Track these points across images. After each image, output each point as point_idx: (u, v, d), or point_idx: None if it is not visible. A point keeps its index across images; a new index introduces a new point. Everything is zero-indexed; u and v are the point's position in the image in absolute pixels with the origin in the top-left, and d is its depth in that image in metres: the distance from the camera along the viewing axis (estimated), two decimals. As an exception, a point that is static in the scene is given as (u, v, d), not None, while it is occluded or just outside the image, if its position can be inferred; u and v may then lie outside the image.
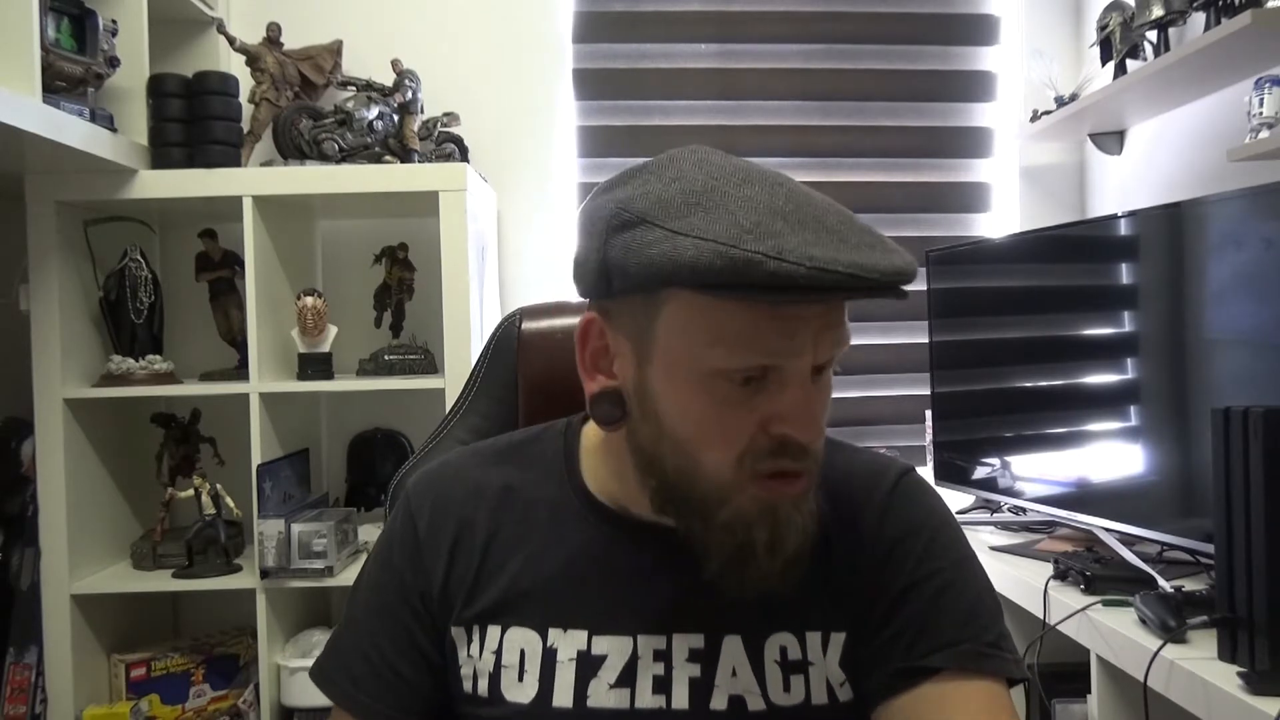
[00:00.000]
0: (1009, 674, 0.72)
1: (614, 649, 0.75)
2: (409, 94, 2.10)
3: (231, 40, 2.05)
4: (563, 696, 0.74)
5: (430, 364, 2.08)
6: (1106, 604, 1.39)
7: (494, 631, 0.77)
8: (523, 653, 0.76)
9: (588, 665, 0.74)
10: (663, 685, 0.74)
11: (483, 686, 0.76)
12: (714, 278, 0.61)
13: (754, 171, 0.67)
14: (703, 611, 0.75)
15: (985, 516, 1.98)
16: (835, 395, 0.72)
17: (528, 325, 1.05)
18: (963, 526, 0.79)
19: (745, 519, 0.68)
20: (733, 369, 0.65)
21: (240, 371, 2.03)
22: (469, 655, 0.78)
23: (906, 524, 0.77)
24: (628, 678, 0.74)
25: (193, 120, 1.96)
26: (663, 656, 0.74)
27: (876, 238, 0.64)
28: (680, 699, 0.73)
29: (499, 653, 0.76)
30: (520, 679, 0.75)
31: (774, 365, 0.65)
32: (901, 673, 0.71)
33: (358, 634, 0.81)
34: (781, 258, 0.59)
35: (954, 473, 2.08)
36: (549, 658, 0.75)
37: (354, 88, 2.15)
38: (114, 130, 1.85)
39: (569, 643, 0.75)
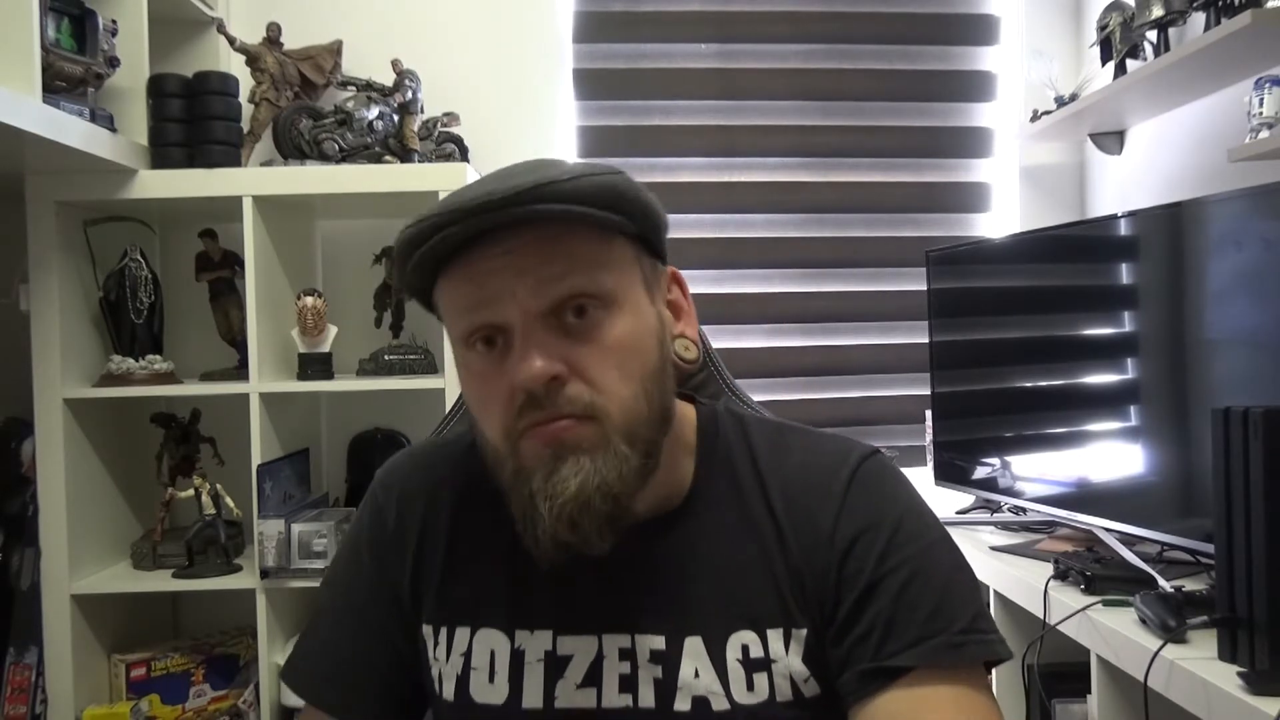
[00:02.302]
0: (985, 657, 0.70)
1: (579, 649, 0.75)
2: (409, 94, 2.10)
3: (231, 40, 2.05)
4: (532, 697, 0.74)
5: (430, 364, 2.08)
6: (1107, 604, 1.39)
7: (462, 633, 0.77)
8: (493, 654, 0.76)
9: (555, 666, 0.74)
10: (629, 684, 0.73)
11: (449, 690, 0.76)
12: (395, 261, 0.72)
13: (533, 161, 0.73)
14: (663, 612, 0.74)
15: (985, 516, 1.98)
16: (835, 395, 0.72)
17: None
18: (963, 526, 0.78)
19: (525, 471, 0.69)
20: (461, 334, 0.71)
21: (240, 371, 2.03)
22: (435, 658, 0.78)
23: (866, 516, 0.74)
24: (594, 677, 0.74)
25: (193, 120, 1.96)
26: (628, 655, 0.74)
27: (526, 169, 0.68)
28: (646, 698, 0.73)
29: (468, 655, 0.76)
30: (491, 680, 0.75)
31: (500, 323, 0.68)
32: (872, 674, 0.69)
33: (328, 632, 0.81)
34: (408, 225, 0.69)
35: (954, 473, 2.08)
36: (517, 659, 0.75)
37: (354, 88, 2.14)
38: (114, 130, 1.84)
39: (536, 644, 0.75)
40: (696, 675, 0.73)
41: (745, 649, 0.73)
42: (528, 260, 0.67)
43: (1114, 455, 1.69)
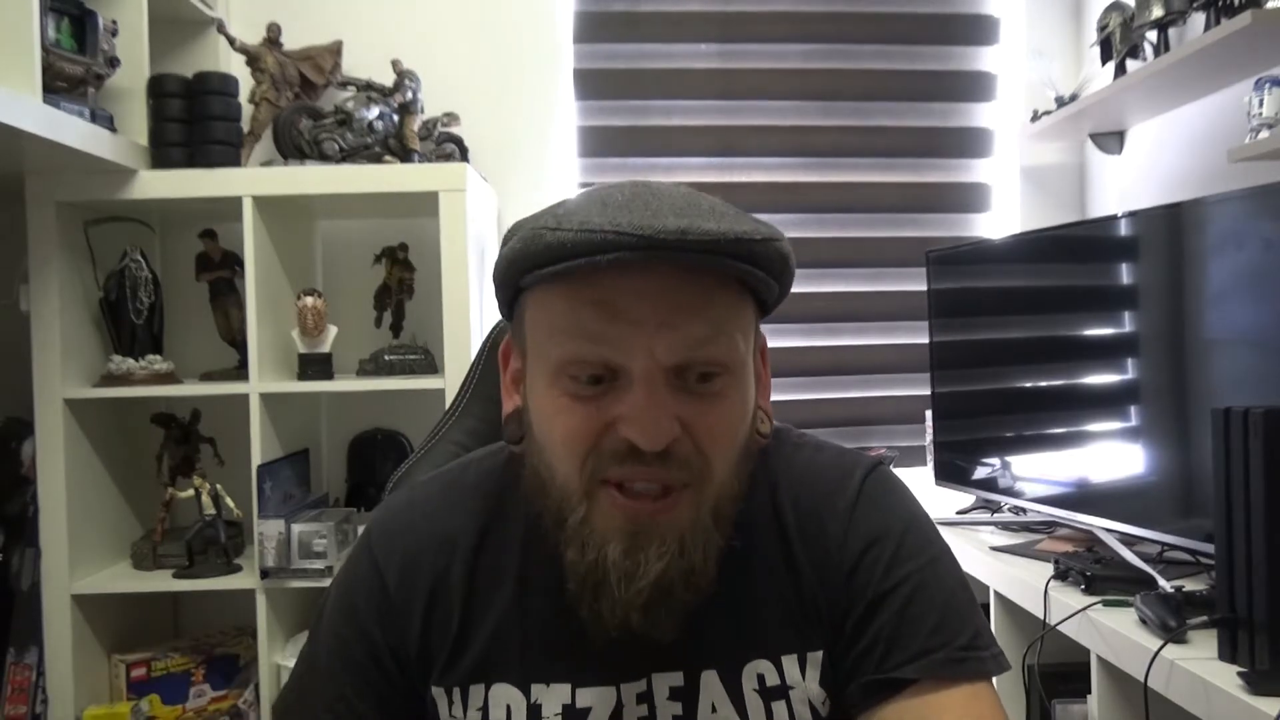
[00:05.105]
0: (986, 673, 0.71)
1: (599, 700, 0.72)
2: (409, 94, 2.10)
3: (231, 40, 2.05)
4: None
5: (430, 364, 2.08)
6: (1107, 604, 1.39)
7: (477, 691, 0.74)
8: (508, 709, 0.73)
9: (574, 719, 0.73)
10: None
11: None
12: (514, 259, 0.64)
13: (648, 182, 0.66)
14: (679, 648, 0.72)
15: (985, 516, 1.98)
16: (836, 395, 0.72)
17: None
18: (963, 526, 0.78)
19: (598, 532, 0.65)
20: (561, 358, 0.65)
21: (240, 371, 2.03)
22: (452, 716, 0.74)
23: (872, 531, 0.74)
24: None
25: (193, 120, 1.96)
26: (645, 699, 0.73)
27: (702, 211, 0.61)
28: None
29: (484, 710, 0.73)
30: None
31: (617, 364, 0.63)
32: (877, 685, 0.70)
33: (324, 684, 0.76)
34: (559, 227, 0.61)
35: (954, 473, 2.08)
36: (534, 714, 0.73)
37: (354, 88, 2.15)
38: (114, 130, 1.85)
39: (553, 697, 0.73)
40: (714, 710, 0.72)
41: (761, 678, 0.73)
42: (671, 313, 0.63)
43: (1114, 455, 1.69)
